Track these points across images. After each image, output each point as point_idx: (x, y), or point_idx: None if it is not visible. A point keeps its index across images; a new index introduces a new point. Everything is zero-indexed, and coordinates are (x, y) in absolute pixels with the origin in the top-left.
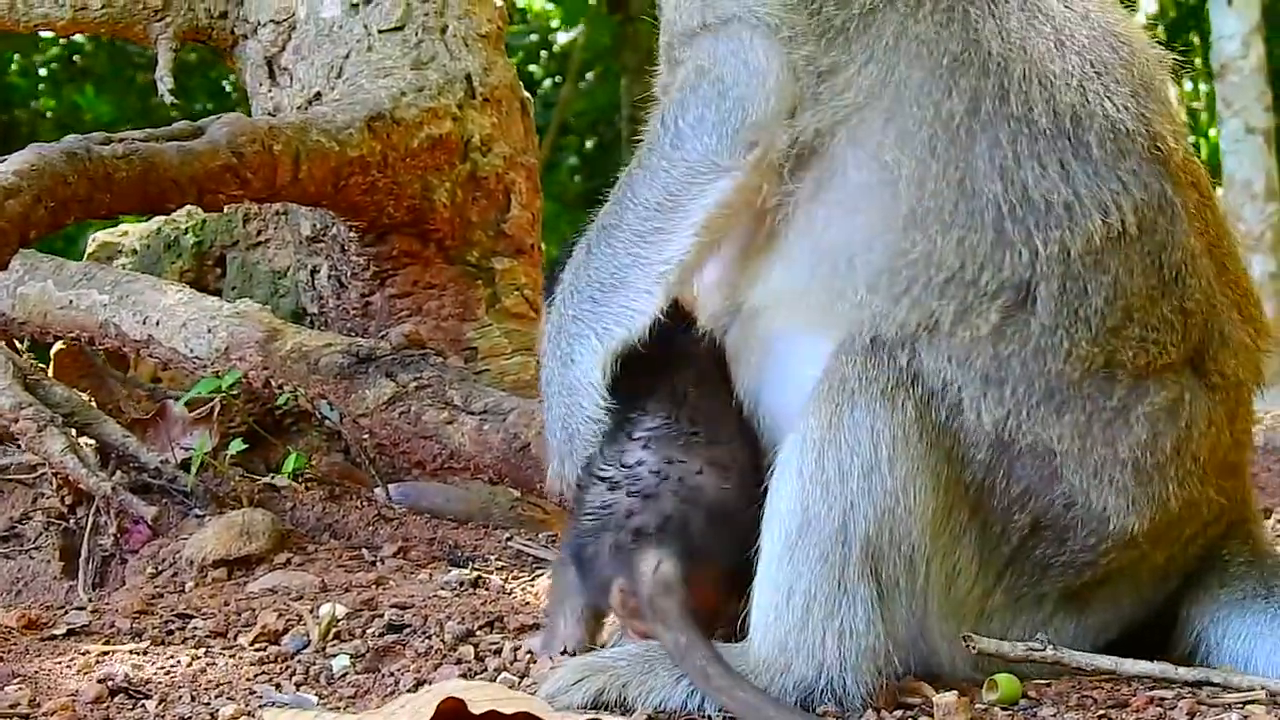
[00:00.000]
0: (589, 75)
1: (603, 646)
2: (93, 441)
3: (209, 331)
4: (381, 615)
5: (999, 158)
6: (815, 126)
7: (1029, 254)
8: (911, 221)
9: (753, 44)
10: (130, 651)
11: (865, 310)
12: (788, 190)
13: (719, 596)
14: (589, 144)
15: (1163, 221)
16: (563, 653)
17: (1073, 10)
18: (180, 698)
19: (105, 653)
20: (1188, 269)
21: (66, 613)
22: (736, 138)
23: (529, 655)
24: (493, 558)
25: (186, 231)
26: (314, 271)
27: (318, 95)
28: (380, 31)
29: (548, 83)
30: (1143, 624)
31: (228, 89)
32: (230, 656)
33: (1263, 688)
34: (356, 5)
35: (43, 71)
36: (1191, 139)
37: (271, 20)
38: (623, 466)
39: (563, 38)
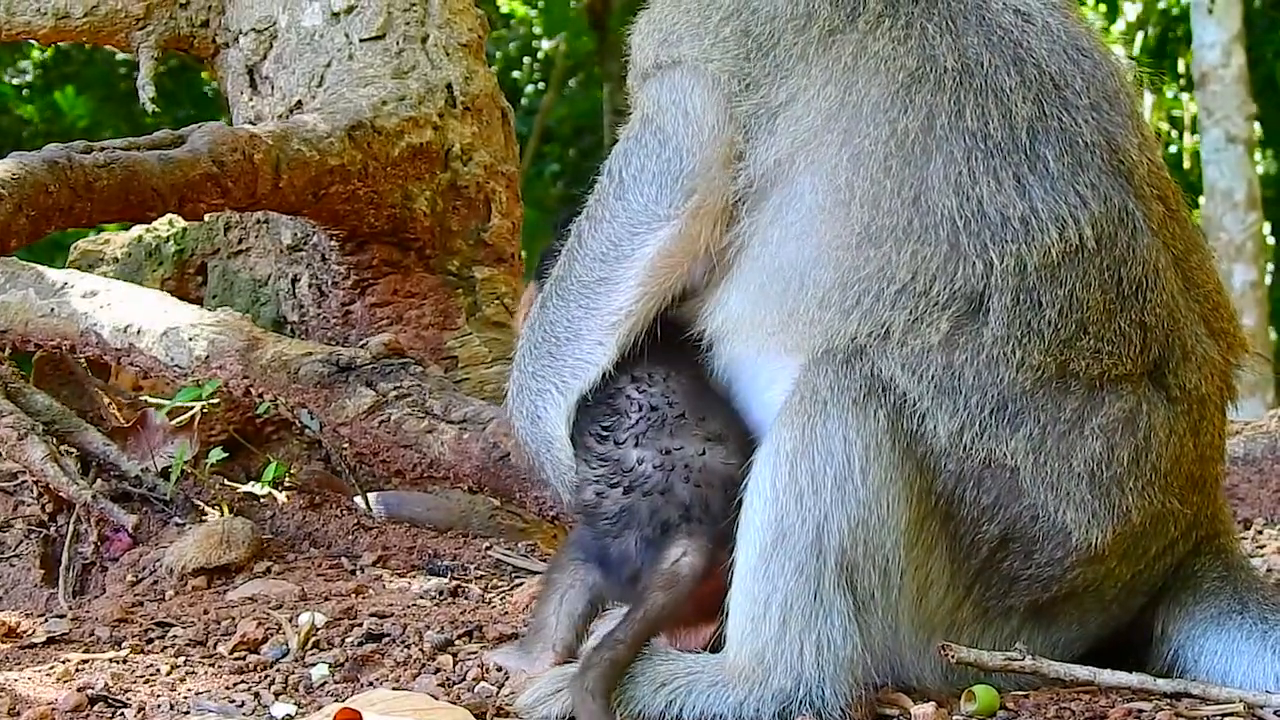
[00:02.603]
0: (571, 82)
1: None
2: (74, 450)
3: (190, 340)
4: (360, 624)
5: (954, 173)
6: (775, 156)
7: (983, 265)
8: (865, 238)
9: (693, 94)
10: (110, 660)
11: (817, 326)
12: (745, 223)
13: None
14: (571, 151)
15: (1123, 235)
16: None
17: (1032, 24)
18: (159, 706)
19: (85, 661)
20: (1148, 283)
21: (46, 621)
22: (675, 187)
23: (496, 668)
24: (472, 566)
25: (168, 240)
26: (295, 280)
27: (299, 104)
28: (361, 41)
29: (530, 88)
30: (1110, 640)
31: (210, 94)
32: (209, 665)
33: (1240, 699)
34: (338, 14)
35: (28, 77)
36: (1174, 148)
37: (253, 29)
38: (625, 472)
39: (546, 44)
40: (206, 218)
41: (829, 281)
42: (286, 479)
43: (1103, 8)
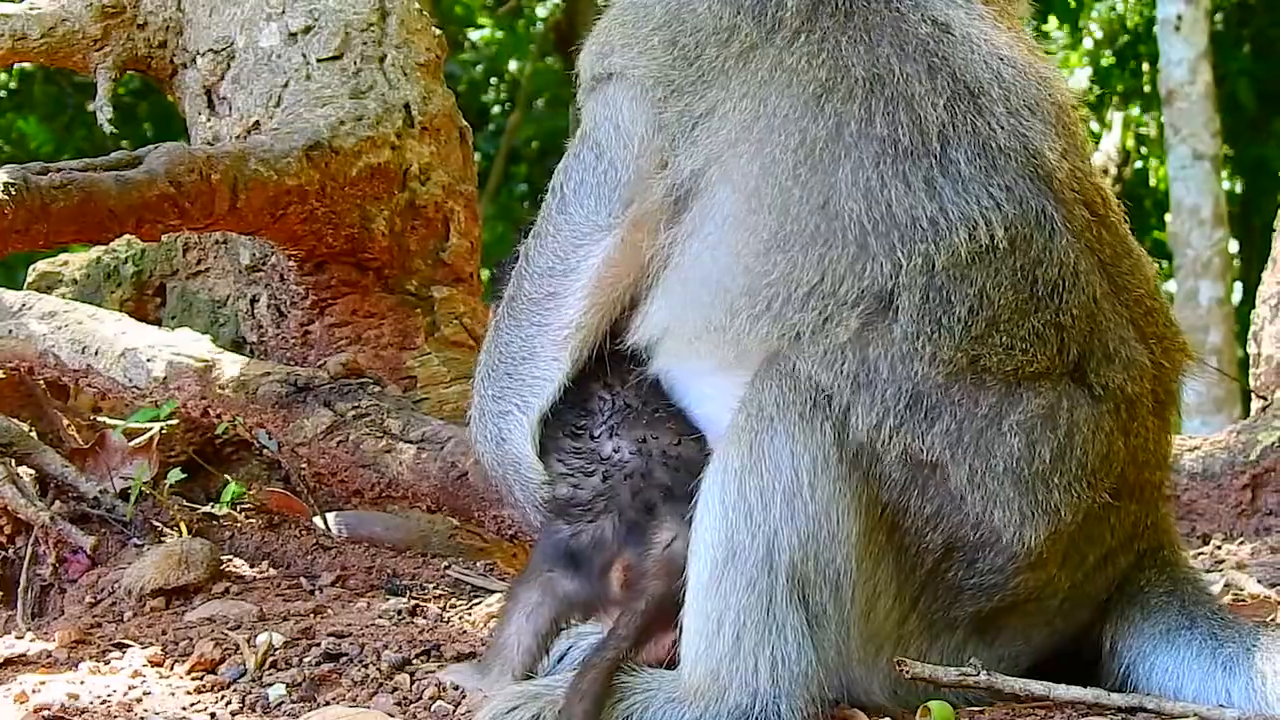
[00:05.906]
0: (538, 102)
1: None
2: (32, 471)
3: (148, 361)
4: (318, 644)
5: (863, 178)
6: (691, 168)
7: (891, 265)
8: (774, 245)
9: (623, 106)
10: (67, 680)
11: (728, 334)
12: (664, 236)
13: None
14: (537, 172)
15: (1039, 237)
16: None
17: (950, 34)
18: None
19: (42, 682)
20: (1065, 284)
21: (4, 641)
22: (614, 197)
23: (453, 687)
24: (431, 586)
25: (126, 261)
26: (253, 300)
27: (256, 124)
28: (319, 61)
29: (497, 109)
30: (1056, 655)
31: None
32: (167, 685)
33: (1195, 714)
34: (295, 34)
35: None
36: (1138, 163)
37: (210, 49)
38: (603, 461)
39: (512, 65)
40: (164, 238)
41: (738, 288)
42: (245, 499)
43: (1067, 26)
